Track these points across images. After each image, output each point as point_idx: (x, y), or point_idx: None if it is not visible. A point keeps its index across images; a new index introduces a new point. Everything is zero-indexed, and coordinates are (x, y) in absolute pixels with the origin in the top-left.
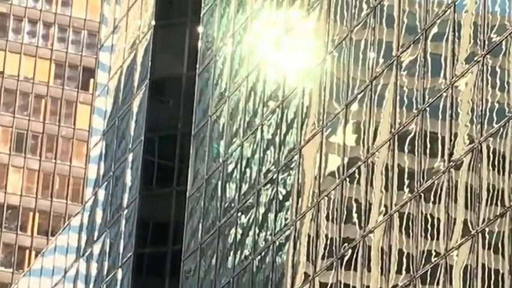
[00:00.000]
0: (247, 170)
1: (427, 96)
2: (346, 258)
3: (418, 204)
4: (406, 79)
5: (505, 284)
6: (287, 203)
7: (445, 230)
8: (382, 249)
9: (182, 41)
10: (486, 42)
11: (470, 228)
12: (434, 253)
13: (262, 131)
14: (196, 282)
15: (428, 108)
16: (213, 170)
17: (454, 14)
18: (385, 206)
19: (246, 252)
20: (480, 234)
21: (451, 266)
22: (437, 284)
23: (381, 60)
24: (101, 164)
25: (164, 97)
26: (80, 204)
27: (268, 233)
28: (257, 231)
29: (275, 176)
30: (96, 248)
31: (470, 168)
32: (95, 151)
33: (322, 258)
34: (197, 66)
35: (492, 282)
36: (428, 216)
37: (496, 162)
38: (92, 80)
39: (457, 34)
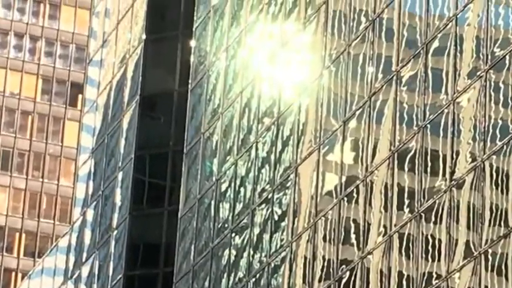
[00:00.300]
0: (242, 189)
1: (427, 113)
2: (344, 281)
3: (419, 225)
4: (406, 95)
5: None
6: (283, 224)
7: (446, 252)
8: (381, 271)
9: (174, 56)
10: (489, 57)
11: (473, 250)
12: (435, 275)
13: (256, 149)
14: None
15: (429, 125)
16: (206, 189)
17: (456, 27)
18: (385, 226)
19: (240, 274)
20: (483, 256)
21: None
22: None
23: (380, 75)
24: (90, 183)
25: (155, 113)
26: (68, 225)
27: (263, 254)
28: (252, 252)
29: (270, 195)
30: (85, 270)
31: (473, 187)
32: (84, 169)
33: (319, 281)
34: (189, 81)
35: None
36: (429, 237)
37: (499, 181)
38: (80, 96)
39: (459, 48)
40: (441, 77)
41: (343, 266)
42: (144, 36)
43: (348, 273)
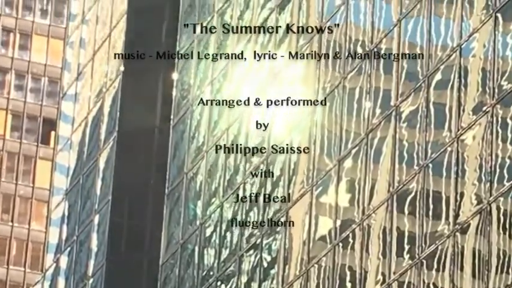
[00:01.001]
0: (228, 234)
1: (429, 151)
2: None
3: (420, 272)
4: (406, 132)
5: None
6: (272, 271)
7: None
8: None
9: (154, 89)
10: (496, 90)
11: None
12: None
13: (244, 190)
14: None
15: (431, 165)
16: (190, 234)
17: (460, 58)
18: (383, 274)
19: None
20: None
21: None
22: None
23: (378, 111)
24: (64, 227)
25: (134, 152)
26: (40, 273)
27: None
28: None
29: (259, 240)
30: None
31: (478, 231)
32: (57, 213)
33: None
34: (171, 117)
35: None
36: (431, 285)
37: (507, 225)
38: (53, 133)
39: (463, 81)
40: (444, 112)
41: None
42: (122, 68)
43: None
